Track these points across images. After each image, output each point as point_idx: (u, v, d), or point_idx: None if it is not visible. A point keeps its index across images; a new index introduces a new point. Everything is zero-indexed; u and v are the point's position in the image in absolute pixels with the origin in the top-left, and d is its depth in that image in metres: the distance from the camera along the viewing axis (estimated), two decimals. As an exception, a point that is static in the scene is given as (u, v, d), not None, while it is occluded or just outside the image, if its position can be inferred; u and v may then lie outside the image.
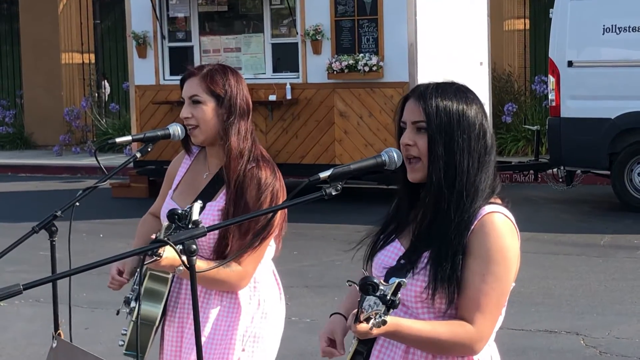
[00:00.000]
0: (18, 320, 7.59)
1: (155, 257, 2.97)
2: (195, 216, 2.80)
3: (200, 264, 3.31)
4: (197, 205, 2.82)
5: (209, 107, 3.50)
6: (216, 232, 3.40)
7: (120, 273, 3.56)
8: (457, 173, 2.68)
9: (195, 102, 3.51)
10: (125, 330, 3.54)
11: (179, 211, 2.81)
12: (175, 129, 3.62)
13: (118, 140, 3.66)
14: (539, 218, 11.15)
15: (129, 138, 3.70)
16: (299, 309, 7.40)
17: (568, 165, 11.91)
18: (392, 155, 2.70)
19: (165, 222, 2.88)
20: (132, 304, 3.48)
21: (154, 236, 3.29)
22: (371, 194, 12.75)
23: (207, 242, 3.48)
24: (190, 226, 2.77)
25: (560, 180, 12.31)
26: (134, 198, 13.22)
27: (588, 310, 7.49)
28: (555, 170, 12.33)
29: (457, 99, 2.72)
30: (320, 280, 8.63)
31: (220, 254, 3.45)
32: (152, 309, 3.50)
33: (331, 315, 2.90)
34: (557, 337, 6.90)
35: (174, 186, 3.72)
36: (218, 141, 3.53)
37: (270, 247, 3.59)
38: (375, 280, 2.32)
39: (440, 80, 2.80)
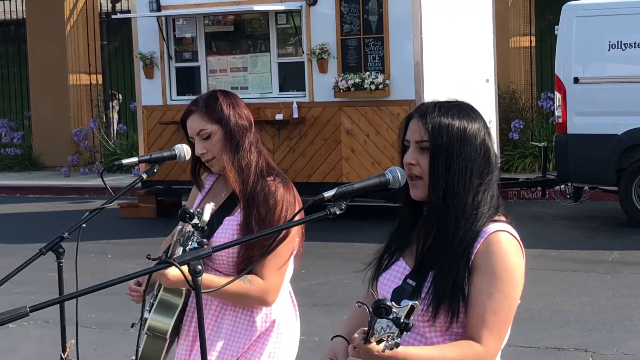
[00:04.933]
0: (26, 342, 7.59)
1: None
2: (206, 216, 2.81)
3: (218, 280, 3.35)
4: (209, 206, 2.84)
5: (217, 136, 3.56)
6: (235, 247, 3.43)
7: (138, 284, 3.58)
8: (457, 192, 2.69)
9: (204, 136, 3.57)
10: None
11: (190, 210, 2.82)
12: (181, 150, 3.67)
13: (124, 161, 3.69)
14: (546, 235, 11.13)
15: (135, 159, 3.72)
16: (307, 328, 7.34)
17: (575, 182, 11.90)
18: (396, 174, 2.70)
19: (178, 226, 2.91)
20: (146, 314, 3.50)
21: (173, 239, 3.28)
22: (378, 211, 12.74)
23: (227, 257, 3.50)
24: (200, 225, 2.76)
25: (568, 196, 12.30)
26: (142, 218, 13.23)
27: (597, 327, 7.48)
28: (562, 186, 12.33)
29: (459, 118, 2.72)
30: (329, 298, 8.62)
31: (241, 269, 3.47)
32: (164, 321, 3.51)
33: (332, 338, 2.90)
34: (565, 354, 6.88)
35: (194, 207, 3.73)
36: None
37: (290, 267, 3.60)
38: (388, 303, 2.30)
39: (444, 98, 2.81)
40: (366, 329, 2.40)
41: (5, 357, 7.28)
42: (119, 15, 13.89)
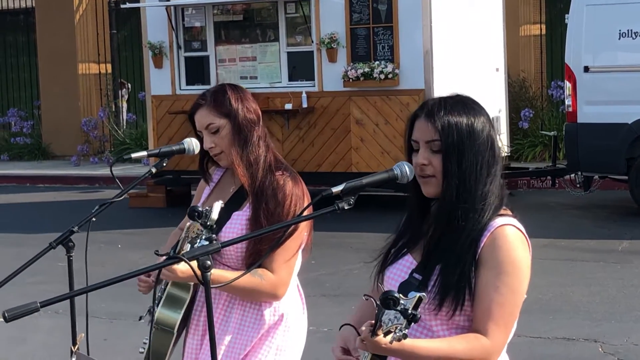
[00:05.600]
0: (37, 332, 7.62)
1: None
2: (215, 215, 2.82)
3: (228, 275, 3.35)
4: (218, 204, 2.85)
5: (226, 130, 3.57)
6: (243, 242, 3.43)
7: (148, 276, 3.60)
8: (469, 187, 2.71)
9: (213, 130, 3.57)
10: (147, 340, 3.56)
11: (199, 209, 2.83)
12: (190, 144, 3.67)
13: (134, 155, 3.70)
14: (556, 224, 11.12)
15: (144, 153, 3.73)
16: (316, 318, 7.38)
17: (585, 171, 11.88)
18: (404, 169, 2.71)
19: (188, 223, 2.92)
20: (155, 309, 3.51)
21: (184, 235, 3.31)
22: (388, 201, 12.74)
23: (235, 252, 3.51)
24: (208, 223, 2.77)
25: (578, 185, 12.28)
26: (151, 208, 13.25)
27: (606, 317, 7.47)
28: (572, 175, 12.31)
29: (466, 114, 2.74)
30: (338, 289, 8.64)
31: (251, 263, 3.48)
32: (172, 315, 3.52)
33: (341, 327, 2.91)
34: (575, 344, 6.88)
35: (201, 200, 3.74)
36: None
37: (298, 260, 3.61)
38: (396, 294, 2.32)
39: (445, 94, 2.82)
40: (373, 321, 2.41)
41: (16, 347, 7.31)
42: (128, 5, 13.88)
